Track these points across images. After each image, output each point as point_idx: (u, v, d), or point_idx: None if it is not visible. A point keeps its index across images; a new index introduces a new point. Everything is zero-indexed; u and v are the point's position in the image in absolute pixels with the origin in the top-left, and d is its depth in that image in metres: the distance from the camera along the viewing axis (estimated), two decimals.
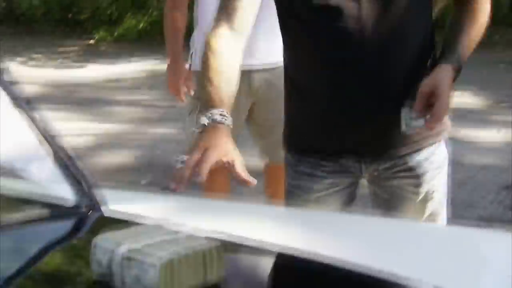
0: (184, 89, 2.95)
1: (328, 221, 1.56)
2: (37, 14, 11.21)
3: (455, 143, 5.14)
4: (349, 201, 1.80)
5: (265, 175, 3.06)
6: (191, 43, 2.89)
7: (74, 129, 5.29)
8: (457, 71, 1.59)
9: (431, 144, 1.75)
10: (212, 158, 1.30)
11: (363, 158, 1.72)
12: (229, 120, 1.41)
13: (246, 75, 2.67)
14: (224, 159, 1.33)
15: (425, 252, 1.32)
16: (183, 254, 1.05)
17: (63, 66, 8.98)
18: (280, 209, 1.77)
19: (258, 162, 3.11)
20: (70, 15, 11.14)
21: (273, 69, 2.68)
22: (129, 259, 1.04)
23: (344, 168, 1.74)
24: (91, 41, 10.33)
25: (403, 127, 1.58)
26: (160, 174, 4.31)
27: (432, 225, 1.78)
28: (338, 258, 1.17)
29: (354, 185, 1.80)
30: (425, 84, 1.55)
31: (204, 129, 1.38)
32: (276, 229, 1.46)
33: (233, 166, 1.34)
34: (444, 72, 1.56)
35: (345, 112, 1.66)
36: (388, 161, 1.72)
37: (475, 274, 1.23)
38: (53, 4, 11.06)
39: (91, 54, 9.57)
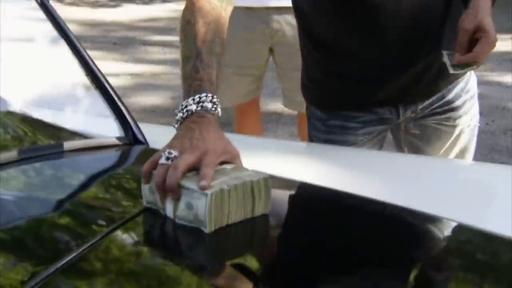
0: None
1: (358, 158, 1.57)
2: None
3: (501, 89, 5.09)
4: (380, 146, 1.80)
5: (297, 120, 3.07)
6: None
7: (109, 68, 5.32)
8: None
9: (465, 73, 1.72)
10: (215, 162, 1.08)
11: (401, 103, 1.70)
12: (219, 109, 1.17)
13: (263, 15, 2.59)
14: (225, 159, 1.12)
15: (452, 189, 1.33)
16: (233, 184, 1.05)
17: (98, 5, 8.99)
18: (313, 146, 1.78)
19: None
20: None
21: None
22: (180, 186, 1.05)
23: (380, 117, 1.72)
24: None
25: (450, 71, 1.48)
26: None
27: (458, 161, 1.78)
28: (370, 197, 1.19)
29: (386, 130, 1.79)
30: (467, 21, 1.43)
31: (191, 118, 1.14)
32: (310, 166, 1.48)
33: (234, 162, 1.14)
34: (483, 3, 1.45)
35: (380, 64, 1.62)
36: (426, 100, 1.71)
37: (503, 212, 1.24)
38: None
39: None
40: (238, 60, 2.68)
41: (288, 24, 2.61)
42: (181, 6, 3.10)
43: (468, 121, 1.78)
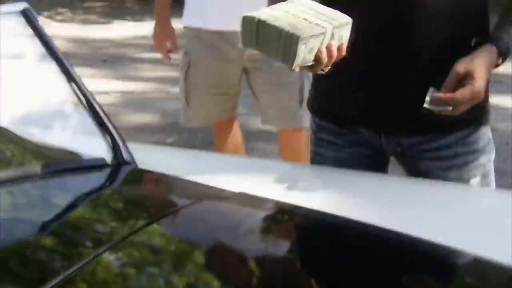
0: (169, 46, 2.92)
1: (349, 181, 1.56)
2: None
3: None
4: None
5: (278, 138, 3.05)
6: None
7: (99, 87, 5.31)
8: (503, 56, 1.45)
9: (463, 127, 1.60)
10: None
11: (382, 130, 1.64)
12: None
13: (232, 38, 2.56)
14: None
15: (465, 218, 1.32)
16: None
17: (88, 22, 8.99)
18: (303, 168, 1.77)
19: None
20: None
21: None
22: None
23: (363, 139, 1.67)
24: None
25: (426, 104, 1.42)
26: (185, 134, 4.32)
27: (465, 187, 1.66)
28: (369, 222, 1.18)
29: (381, 161, 1.72)
30: (461, 64, 1.40)
31: None
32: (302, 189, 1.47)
33: None
34: (485, 55, 1.42)
35: (367, 80, 1.58)
36: (411, 137, 1.62)
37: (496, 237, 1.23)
38: None
39: (117, 11, 9.56)
40: (208, 80, 2.70)
41: None
42: (173, 24, 3.08)
43: (466, 176, 1.63)
